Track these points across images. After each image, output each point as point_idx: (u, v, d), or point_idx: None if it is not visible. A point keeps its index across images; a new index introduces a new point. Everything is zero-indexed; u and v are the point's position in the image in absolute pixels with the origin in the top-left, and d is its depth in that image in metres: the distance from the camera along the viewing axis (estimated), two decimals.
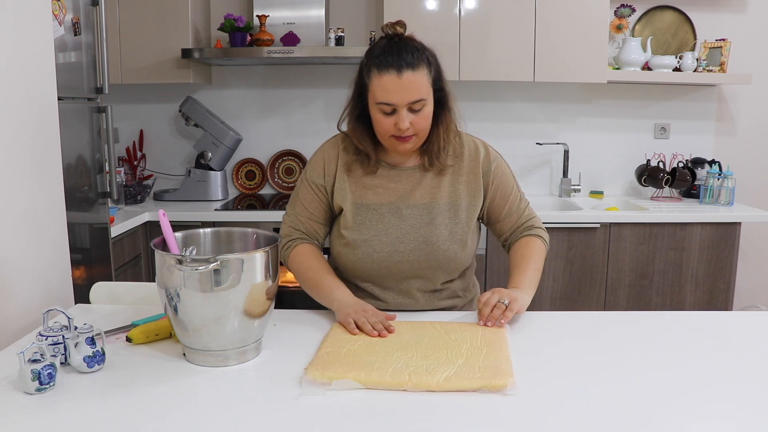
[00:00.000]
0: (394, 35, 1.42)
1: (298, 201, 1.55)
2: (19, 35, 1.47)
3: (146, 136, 3.41)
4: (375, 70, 1.39)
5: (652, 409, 0.99)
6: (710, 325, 1.39)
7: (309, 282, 1.48)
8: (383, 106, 1.39)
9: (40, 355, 1.04)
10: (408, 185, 1.50)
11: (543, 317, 1.47)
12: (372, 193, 1.50)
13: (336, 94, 3.34)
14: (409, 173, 1.51)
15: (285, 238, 1.55)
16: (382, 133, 1.43)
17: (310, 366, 1.11)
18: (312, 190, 1.53)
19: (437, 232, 1.47)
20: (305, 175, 1.55)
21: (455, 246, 1.48)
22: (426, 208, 1.48)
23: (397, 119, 1.39)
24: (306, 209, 1.54)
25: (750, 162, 3.37)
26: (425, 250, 1.47)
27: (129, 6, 2.95)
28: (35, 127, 1.53)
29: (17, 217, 1.44)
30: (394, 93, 1.36)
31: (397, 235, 1.47)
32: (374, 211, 1.48)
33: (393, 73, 1.36)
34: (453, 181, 1.50)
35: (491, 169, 1.52)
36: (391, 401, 1.02)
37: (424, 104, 1.40)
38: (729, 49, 3.15)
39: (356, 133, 1.49)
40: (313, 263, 1.49)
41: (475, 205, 1.51)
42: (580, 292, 2.88)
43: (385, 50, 1.39)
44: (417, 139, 1.43)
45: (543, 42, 2.96)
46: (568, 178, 3.34)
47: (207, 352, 1.14)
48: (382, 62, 1.38)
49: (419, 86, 1.38)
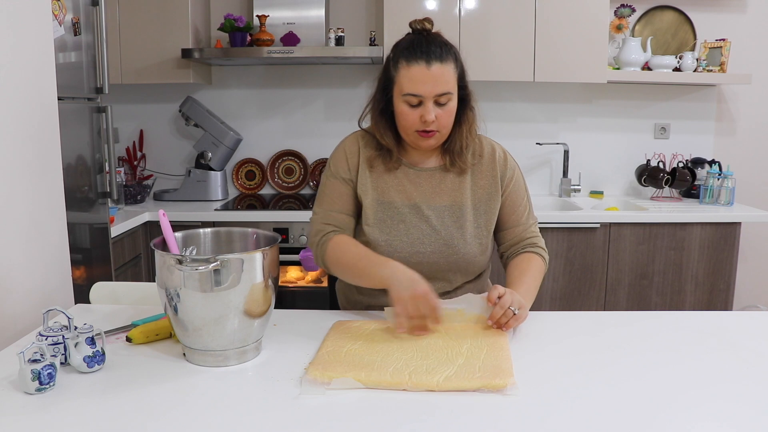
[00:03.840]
0: (423, 30, 1.43)
1: (325, 197, 1.53)
2: (19, 35, 1.47)
3: (146, 136, 3.41)
4: (403, 61, 1.39)
5: (652, 408, 0.99)
6: (710, 325, 1.39)
7: (355, 268, 1.42)
8: (410, 98, 1.38)
9: (40, 355, 1.04)
10: (429, 186, 1.49)
11: (543, 317, 1.47)
12: (393, 191, 1.49)
13: (336, 94, 3.34)
14: (429, 174, 1.50)
15: (317, 235, 1.50)
16: (406, 126, 1.42)
17: (310, 366, 1.11)
18: (339, 184, 1.51)
19: (458, 234, 1.47)
20: (329, 172, 1.53)
21: (476, 249, 1.48)
22: (447, 210, 1.48)
23: (422, 111, 1.38)
24: (335, 203, 1.51)
25: (750, 162, 3.37)
26: (446, 252, 1.47)
27: (129, 6, 2.95)
28: (35, 127, 1.53)
29: (17, 217, 1.44)
30: (422, 84, 1.36)
31: (418, 236, 1.47)
32: (395, 210, 1.48)
33: (422, 64, 1.36)
34: (473, 183, 1.50)
35: (507, 174, 1.52)
36: (391, 401, 1.02)
37: (450, 98, 1.40)
38: (729, 49, 3.15)
39: (379, 128, 1.48)
40: (358, 249, 1.44)
41: (494, 208, 1.51)
42: (580, 292, 2.88)
43: (413, 43, 1.40)
44: (440, 135, 1.43)
45: (543, 42, 2.96)
46: (568, 178, 3.34)
47: (207, 352, 1.14)
48: (411, 53, 1.38)
49: (447, 79, 1.38)
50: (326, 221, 1.51)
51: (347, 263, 1.43)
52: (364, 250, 1.43)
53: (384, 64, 1.46)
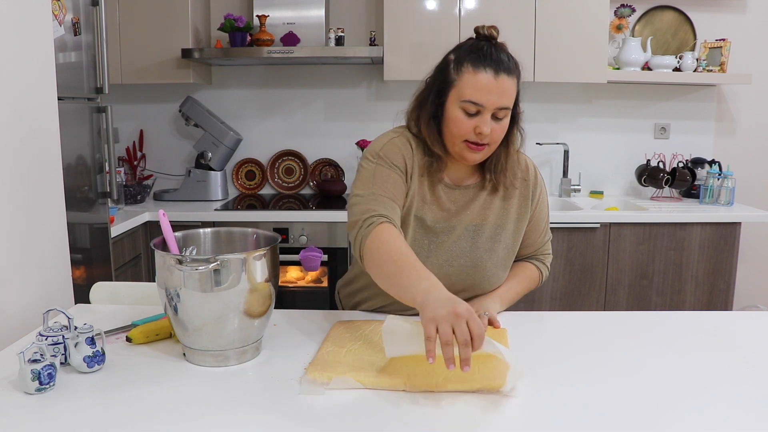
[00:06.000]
0: (490, 38, 1.35)
1: (376, 180, 1.35)
2: (19, 35, 1.47)
3: (146, 136, 3.41)
4: (470, 66, 1.30)
5: (652, 408, 0.99)
6: (710, 325, 1.39)
7: (393, 266, 1.19)
8: (469, 105, 1.30)
9: (40, 355, 1.04)
10: (462, 203, 1.42)
11: (543, 317, 1.47)
12: (429, 208, 1.41)
13: (336, 94, 3.34)
14: (462, 191, 1.43)
15: (363, 214, 1.29)
16: (457, 135, 1.33)
17: (310, 366, 1.11)
18: (393, 173, 1.36)
19: (487, 256, 1.42)
20: (380, 160, 1.37)
21: (500, 271, 1.45)
22: (477, 231, 1.42)
23: (479, 122, 1.30)
24: (387, 188, 1.34)
25: (750, 162, 3.37)
26: (471, 273, 1.42)
27: (129, 6, 2.96)
28: (35, 127, 1.53)
29: (18, 217, 1.44)
30: (486, 93, 1.28)
31: (446, 258, 1.41)
32: (429, 229, 1.40)
33: (490, 72, 1.28)
34: (506, 202, 1.44)
35: (536, 193, 1.47)
36: (390, 401, 1.02)
37: (507, 114, 1.33)
38: (729, 49, 3.15)
39: (431, 134, 1.38)
40: (403, 248, 1.22)
41: (522, 228, 1.46)
42: (580, 292, 2.88)
43: (481, 49, 1.31)
44: (488, 150, 1.35)
45: (543, 42, 2.96)
46: (568, 178, 3.34)
47: (207, 352, 1.14)
48: (480, 60, 1.30)
49: (510, 93, 1.31)
50: (375, 204, 1.31)
51: (385, 258, 1.21)
52: (408, 251, 1.22)
53: (441, 66, 1.37)
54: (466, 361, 0.99)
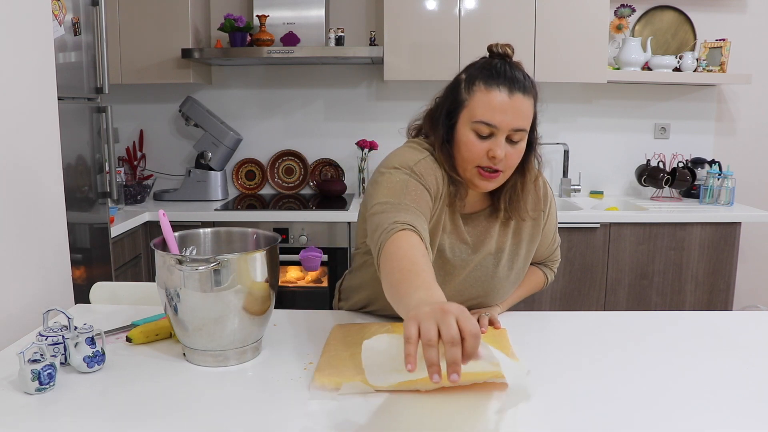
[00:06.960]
0: (505, 56, 1.28)
1: (406, 191, 1.22)
2: (19, 35, 1.47)
3: (146, 136, 3.41)
4: (482, 84, 1.22)
5: (652, 408, 0.99)
6: (710, 325, 1.39)
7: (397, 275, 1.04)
8: (481, 126, 1.22)
9: (40, 355, 1.04)
10: (476, 232, 1.36)
11: (543, 317, 1.47)
12: (448, 237, 1.33)
13: (336, 94, 3.34)
14: (474, 218, 1.36)
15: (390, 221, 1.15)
16: (468, 159, 1.24)
17: (316, 373, 1.09)
18: (423, 189, 1.24)
19: (500, 284, 1.39)
20: (414, 173, 1.25)
21: (511, 289, 1.43)
22: (492, 258, 1.37)
23: (492, 145, 1.22)
24: (418, 201, 1.22)
25: (750, 162, 3.37)
26: (484, 298, 1.39)
27: (129, 6, 2.96)
28: (35, 127, 1.53)
29: (18, 217, 1.44)
30: (500, 113, 1.20)
31: (459, 289, 1.36)
32: (446, 260, 1.34)
33: (503, 91, 1.21)
34: (518, 226, 1.38)
35: (547, 210, 1.42)
36: (390, 401, 1.01)
37: (523, 137, 1.25)
38: (729, 49, 3.15)
39: (448, 161, 1.28)
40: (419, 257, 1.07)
41: (533, 249, 1.43)
42: (580, 292, 2.88)
43: (495, 66, 1.24)
44: (502, 177, 1.27)
45: (543, 42, 2.96)
46: (568, 178, 3.34)
47: (207, 352, 1.14)
48: (492, 77, 1.22)
49: (526, 114, 1.23)
50: (405, 214, 1.17)
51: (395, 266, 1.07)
52: (423, 260, 1.07)
53: (451, 84, 1.30)
54: (455, 366, 0.81)
